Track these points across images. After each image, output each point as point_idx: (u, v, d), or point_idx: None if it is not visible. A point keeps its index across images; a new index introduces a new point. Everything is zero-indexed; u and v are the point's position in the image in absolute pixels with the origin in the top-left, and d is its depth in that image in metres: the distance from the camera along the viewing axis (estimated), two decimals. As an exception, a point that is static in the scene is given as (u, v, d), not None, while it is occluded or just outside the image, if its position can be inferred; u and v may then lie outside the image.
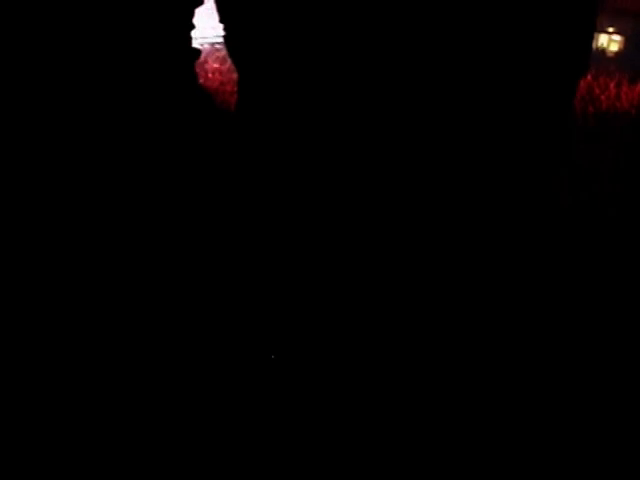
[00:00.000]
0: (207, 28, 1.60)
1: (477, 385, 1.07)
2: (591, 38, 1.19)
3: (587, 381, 1.04)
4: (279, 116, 1.24)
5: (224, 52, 1.58)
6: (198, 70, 1.58)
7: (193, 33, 1.57)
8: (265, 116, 1.28)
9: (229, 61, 1.67)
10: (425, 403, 1.05)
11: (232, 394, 1.12)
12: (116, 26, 1.29)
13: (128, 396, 1.18)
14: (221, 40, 1.68)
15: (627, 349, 1.03)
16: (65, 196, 1.22)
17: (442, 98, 1.11)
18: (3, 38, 1.23)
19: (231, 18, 1.37)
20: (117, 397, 1.18)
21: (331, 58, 1.15)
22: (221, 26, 1.63)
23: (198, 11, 1.61)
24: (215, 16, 1.67)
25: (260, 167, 1.19)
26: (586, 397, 1.03)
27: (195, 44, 1.65)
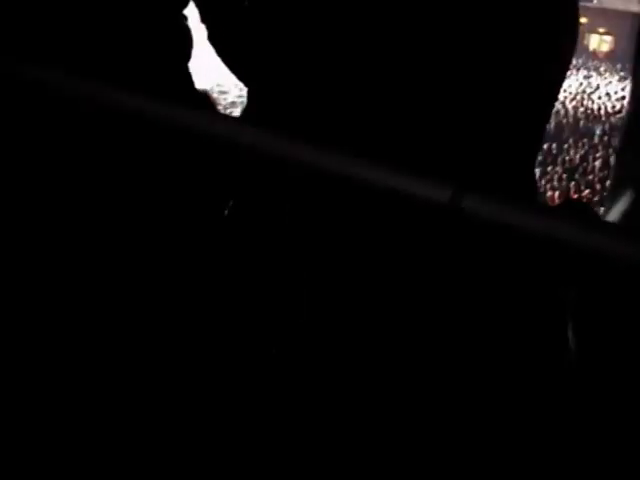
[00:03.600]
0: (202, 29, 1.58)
1: (477, 384, 1.04)
2: (576, 34, 1.16)
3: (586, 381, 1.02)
4: (271, 112, 1.22)
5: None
6: (194, 69, 1.56)
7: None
8: (260, 113, 1.25)
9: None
10: (424, 403, 1.03)
11: (231, 392, 1.10)
12: (111, 25, 1.26)
13: (128, 395, 1.13)
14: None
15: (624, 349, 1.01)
16: (60, 197, 1.18)
17: (434, 94, 1.10)
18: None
19: (211, 17, 1.35)
20: (117, 396, 1.13)
21: (317, 56, 1.14)
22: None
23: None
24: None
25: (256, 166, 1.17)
26: (585, 397, 1.01)
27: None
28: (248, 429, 1.13)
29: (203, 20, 1.39)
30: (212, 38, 1.38)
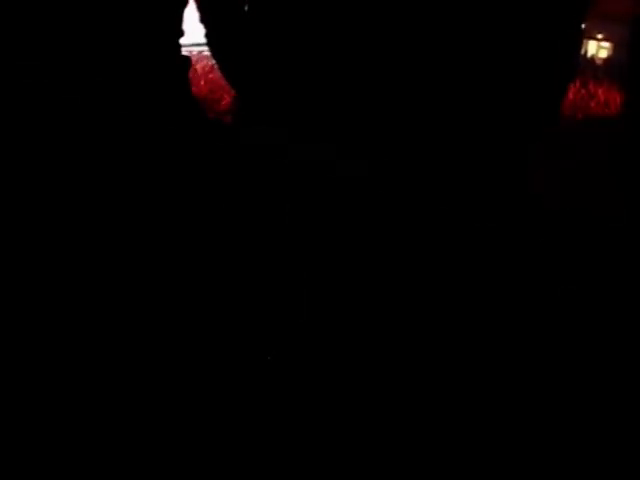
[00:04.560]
0: (195, 34, 1.59)
1: (477, 385, 1.06)
2: (579, 43, 1.20)
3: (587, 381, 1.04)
4: (268, 113, 1.25)
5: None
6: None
7: (182, 40, 1.57)
8: (257, 114, 1.28)
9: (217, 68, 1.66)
10: (424, 403, 1.06)
11: (232, 393, 1.12)
12: (103, 35, 1.29)
13: (128, 395, 1.16)
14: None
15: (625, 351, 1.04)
16: (58, 198, 1.24)
17: (437, 100, 1.12)
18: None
19: (211, 17, 1.38)
20: (117, 396, 1.17)
21: (320, 56, 1.16)
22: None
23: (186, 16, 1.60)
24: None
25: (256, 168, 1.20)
26: (586, 397, 1.03)
27: (184, 51, 1.65)
28: (248, 429, 1.16)
29: (202, 20, 1.43)
30: (210, 38, 1.42)
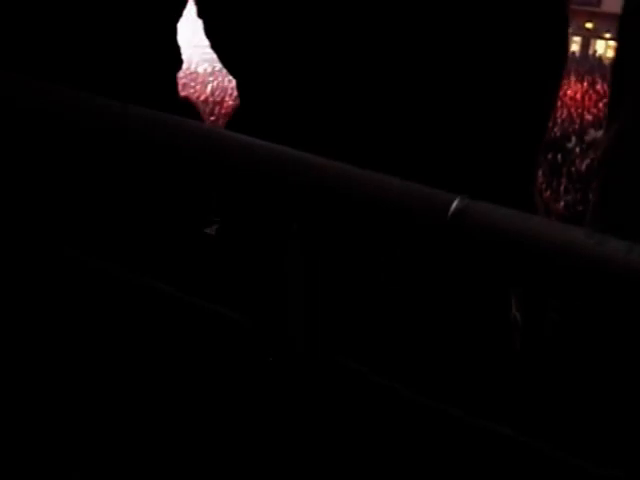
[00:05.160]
0: (196, 32, 1.58)
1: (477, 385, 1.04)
2: (565, 37, 1.19)
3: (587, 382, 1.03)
4: (271, 110, 1.23)
5: (214, 56, 1.56)
6: (187, 79, 1.56)
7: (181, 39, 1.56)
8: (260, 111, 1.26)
9: (219, 67, 1.65)
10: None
11: (231, 396, 1.10)
12: (94, 35, 1.29)
13: (128, 397, 1.15)
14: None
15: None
16: (54, 201, 1.19)
17: (430, 93, 1.09)
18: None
19: (210, 10, 1.37)
20: (116, 398, 1.15)
21: (319, 50, 1.14)
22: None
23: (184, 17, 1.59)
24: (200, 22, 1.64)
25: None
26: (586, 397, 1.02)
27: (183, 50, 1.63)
28: (248, 431, 1.14)
29: (200, 14, 1.41)
30: (208, 32, 1.40)
